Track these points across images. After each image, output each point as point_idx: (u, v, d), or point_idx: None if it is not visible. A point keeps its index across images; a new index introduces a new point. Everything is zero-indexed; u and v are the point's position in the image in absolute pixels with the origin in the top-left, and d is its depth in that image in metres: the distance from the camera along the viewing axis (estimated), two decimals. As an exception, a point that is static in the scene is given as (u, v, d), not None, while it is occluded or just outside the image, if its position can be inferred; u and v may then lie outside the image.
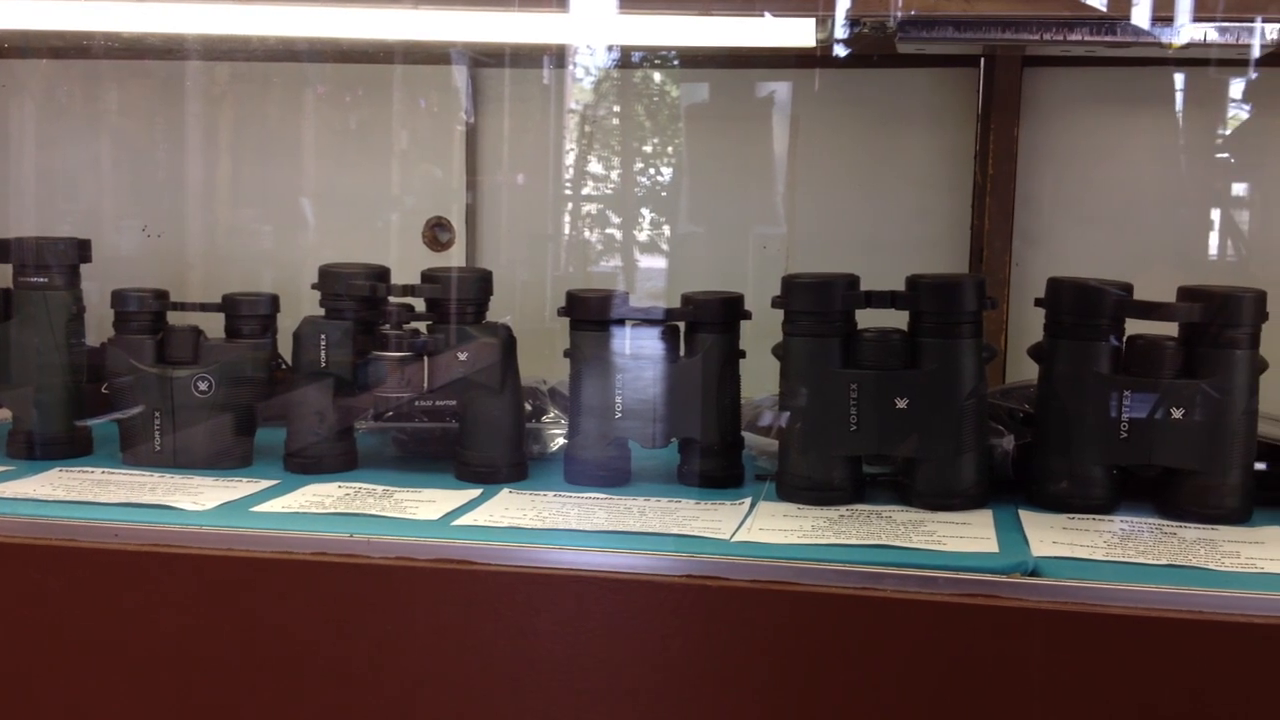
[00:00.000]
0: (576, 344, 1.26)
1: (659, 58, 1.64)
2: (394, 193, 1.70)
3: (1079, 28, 1.14)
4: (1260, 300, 1.14)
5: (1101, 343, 1.16)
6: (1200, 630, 0.95)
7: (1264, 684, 0.94)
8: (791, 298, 1.20)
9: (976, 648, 0.97)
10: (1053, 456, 1.18)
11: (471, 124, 1.67)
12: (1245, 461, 1.15)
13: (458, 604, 1.03)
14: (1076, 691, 0.96)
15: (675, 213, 1.68)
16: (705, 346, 1.24)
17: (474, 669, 1.03)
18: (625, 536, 1.09)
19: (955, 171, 1.57)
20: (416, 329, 1.27)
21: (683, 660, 1.01)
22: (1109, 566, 1.02)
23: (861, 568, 1.01)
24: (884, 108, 1.58)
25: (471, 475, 1.27)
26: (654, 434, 1.25)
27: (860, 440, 1.18)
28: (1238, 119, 1.54)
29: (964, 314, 1.17)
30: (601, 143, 1.68)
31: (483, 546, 1.05)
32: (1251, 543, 1.09)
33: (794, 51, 1.29)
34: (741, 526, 1.11)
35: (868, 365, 1.18)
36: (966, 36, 1.16)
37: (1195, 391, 1.13)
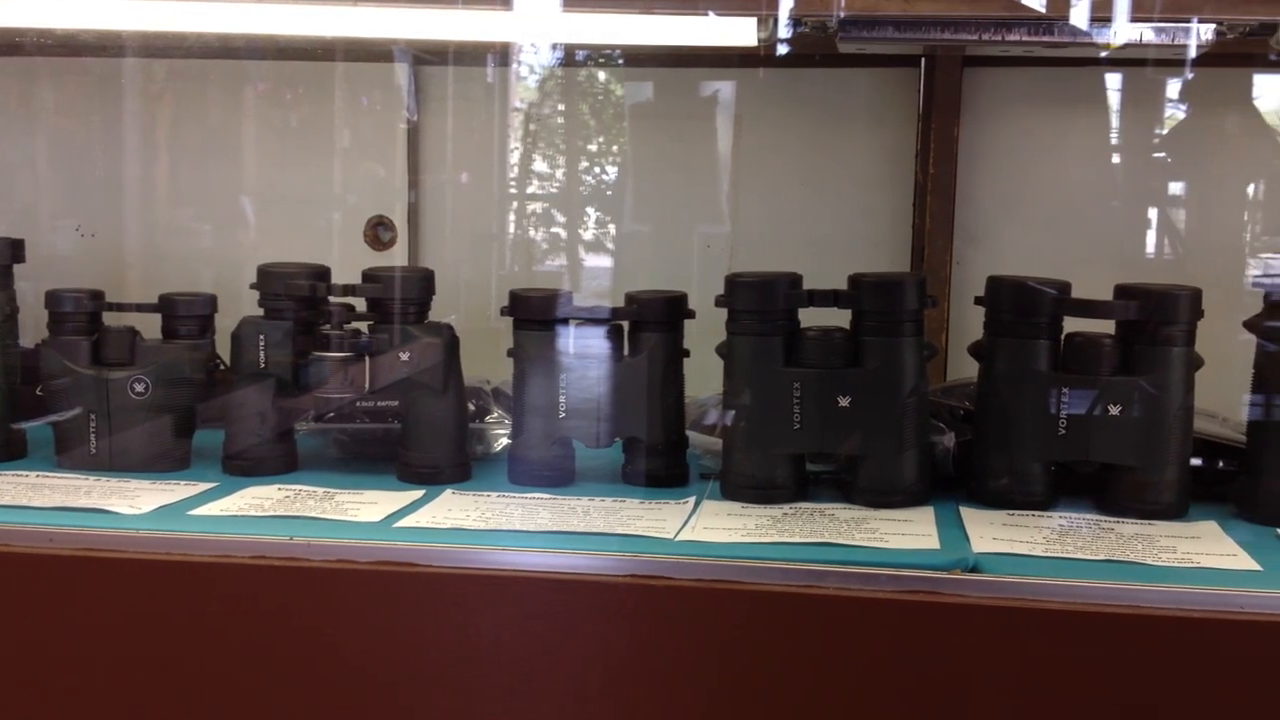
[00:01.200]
0: (520, 344, 1.25)
1: (603, 56, 1.64)
2: (335, 191, 1.68)
3: (1017, 28, 1.15)
4: (1195, 298, 1.15)
5: (1040, 340, 1.17)
6: (1138, 625, 0.96)
7: (1200, 677, 0.95)
8: (735, 297, 1.20)
9: (918, 644, 0.98)
10: (992, 453, 1.20)
11: (414, 122, 1.66)
12: (1181, 457, 1.17)
13: (400, 607, 1.02)
14: (1017, 686, 0.97)
15: (620, 212, 1.67)
16: (649, 346, 1.24)
17: (417, 672, 1.02)
18: (569, 537, 1.09)
19: (897, 171, 1.58)
20: (357, 329, 1.26)
21: (627, 660, 1.01)
22: (1048, 562, 1.03)
23: (805, 566, 1.01)
24: (826, 107, 1.59)
25: (414, 476, 1.26)
26: (598, 433, 1.25)
27: (803, 438, 1.19)
28: (1174, 119, 1.56)
29: (905, 312, 1.18)
30: (546, 141, 1.67)
31: (425, 548, 1.04)
32: (1188, 538, 1.10)
33: (737, 51, 1.29)
34: (685, 526, 1.11)
35: (811, 364, 1.18)
36: (906, 36, 1.17)
37: (1132, 388, 1.15)
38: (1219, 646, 0.95)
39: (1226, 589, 0.97)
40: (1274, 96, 1.54)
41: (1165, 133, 1.56)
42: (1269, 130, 1.54)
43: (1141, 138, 1.57)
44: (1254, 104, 1.54)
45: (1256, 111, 1.54)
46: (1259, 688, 0.94)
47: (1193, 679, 0.95)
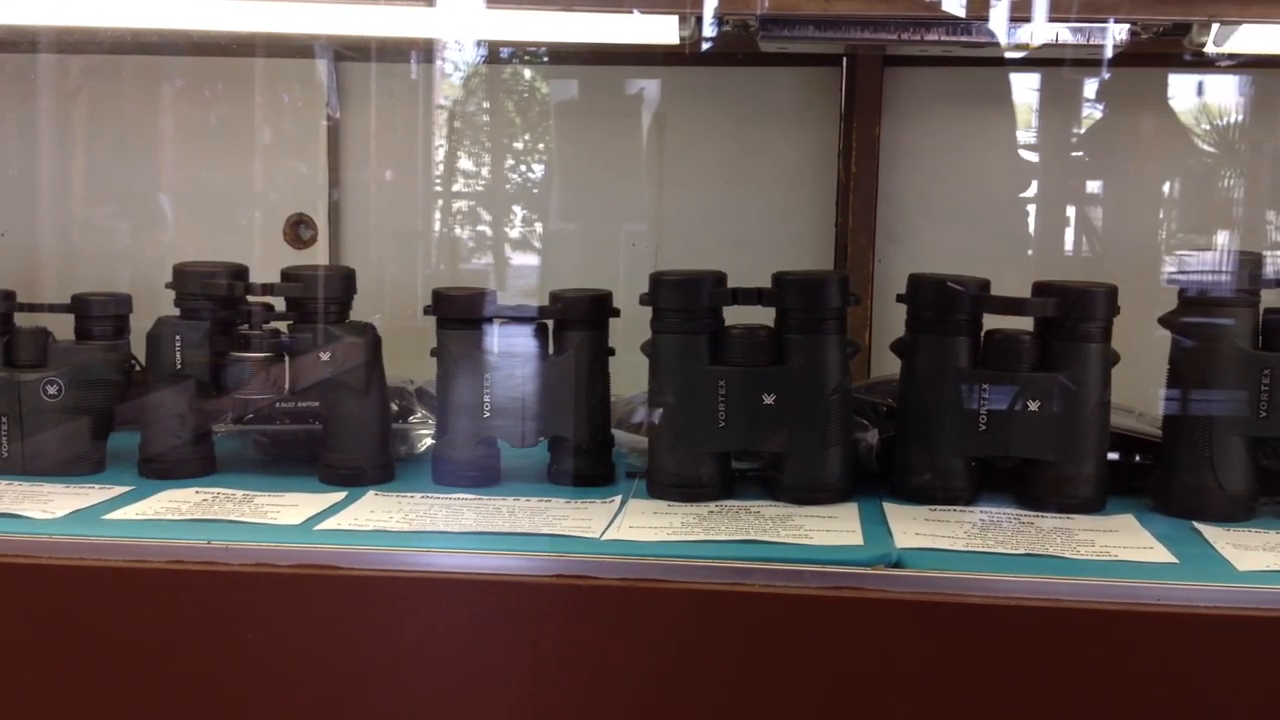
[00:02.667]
0: (444, 343, 1.24)
1: (528, 54, 1.63)
2: (255, 189, 1.66)
3: (936, 28, 1.16)
4: (1112, 295, 1.17)
5: (960, 337, 1.18)
6: (1057, 618, 0.97)
7: (1118, 670, 0.96)
8: (659, 295, 1.20)
9: (842, 639, 0.99)
10: (914, 449, 1.21)
11: (336, 119, 1.64)
12: (1099, 452, 1.18)
13: (321, 610, 1.01)
14: (939, 680, 0.97)
15: (546, 210, 1.67)
16: (574, 344, 1.24)
17: (340, 677, 1.01)
18: (494, 537, 1.08)
19: (820, 169, 1.58)
20: (277, 329, 1.24)
21: (553, 661, 1.00)
22: (969, 557, 1.04)
23: (730, 563, 1.02)
24: (750, 106, 1.60)
25: (336, 478, 1.24)
26: (523, 433, 1.24)
27: (729, 436, 1.19)
28: (1092, 118, 1.59)
29: (828, 310, 1.19)
30: (471, 139, 1.66)
31: (347, 551, 1.03)
32: (1106, 531, 1.12)
33: (661, 49, 1.29)
34: (611, 525, 1.11)
35: (735, 362, 1.19)
36: (827, 35, 1.18)
37: (1051, 384, 1.16)
38: (1136, 639, 0.97)
39: (1143, 582, 0.99)
40: (1188, 96, 1.57)
41: (1083, 132, 1.59)
42: (1184, 129, 1.57)
43: (1059, 137, 1.59)
44: (1169, 103, 1.56)
45: (1171, 111, 1.57)
46: (1174, 679, 0.96)
47: (1111, 671, 0.96)
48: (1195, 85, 1.56)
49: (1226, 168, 1.58)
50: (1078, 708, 0.97)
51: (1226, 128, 1.57)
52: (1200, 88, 1.56)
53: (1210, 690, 0.96)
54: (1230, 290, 1.16)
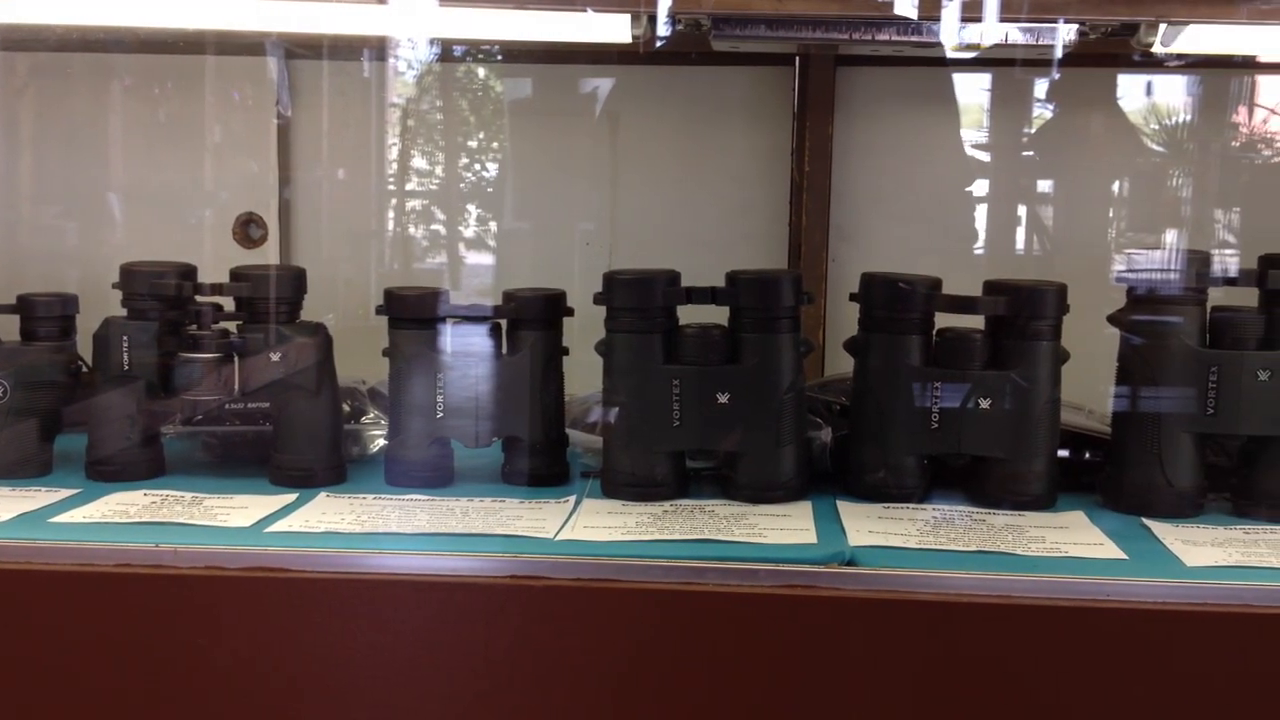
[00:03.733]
0: (396, 343, 1.23)
1: (481, 52, 1.62)
2: (205, 188, 1.64)
3: (886, 28, 1.17)
4: (1061, 293, 1.18)
5: (912, 336, 1.19)
6: (1008, 614, 0.98)
7: (1067, 664, 0.97)
8: (613, 294, 1.20)
9: (796, 637, 0.99)
10: (867, 447, 1.21)
11: (288, 117, 1.63)
12: (1049, 449, 1.19)
13: (272, 613, 1.00)
14: (892, 677, 0.98)
15: (500, 209, 1.66)
16: (528, 344, 1.23)
17: (291, 681, 1.00)
18: (447, 538, 1.07)
19: (773, 168, 1.59)
20: (226, 329, 1.23)
21: (506, 662, 1.00)
22: (922, 554, 1.05)
23: (684, 563, 1.02)
24: (703, 105, 1.60)
25: (286, 479, 1.23)
26: (477, 433, 1.24)
27: (683, 435, 1.19)
28: (1042, 117, 1.60)
29: (782, 309, 1.19)
30: (424, 138, 1.65)
31: (298, 553, 1.02)
32: (1056, 528, 1.13)
33: (615, 48, 1.29)
34: (565, 525, 1.11)
35: (689, 361, 1.19)
36: (779, 35, 1.18)
37: (1002, 382, 1.17)
38: (1086, 634, 0.97)
39: (1093, 578, 1.00)
40: (1137, 96, 1.58)
41: (1033, 131, 1.60)
42: (1133, 129, 1.58)
43: (1010, 136, 1.60)
44: (1118, 103, 1.58)
45: (1121, 110, 1.58)
46: (1124, 674, 0.97)
47: (1062, 667, 0.97)
48: (1144, 85, 1.58)
49: (1175, 167, 1.60)
50: (1029, 703, 0.98)
51: (1175, 127, 1.59)
52: (1149, 88, 1.58)
53: (1159, 685, 0.97)
54: (1178, 288, 1.17)
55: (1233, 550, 1.06)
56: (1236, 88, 1.57)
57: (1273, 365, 1.15)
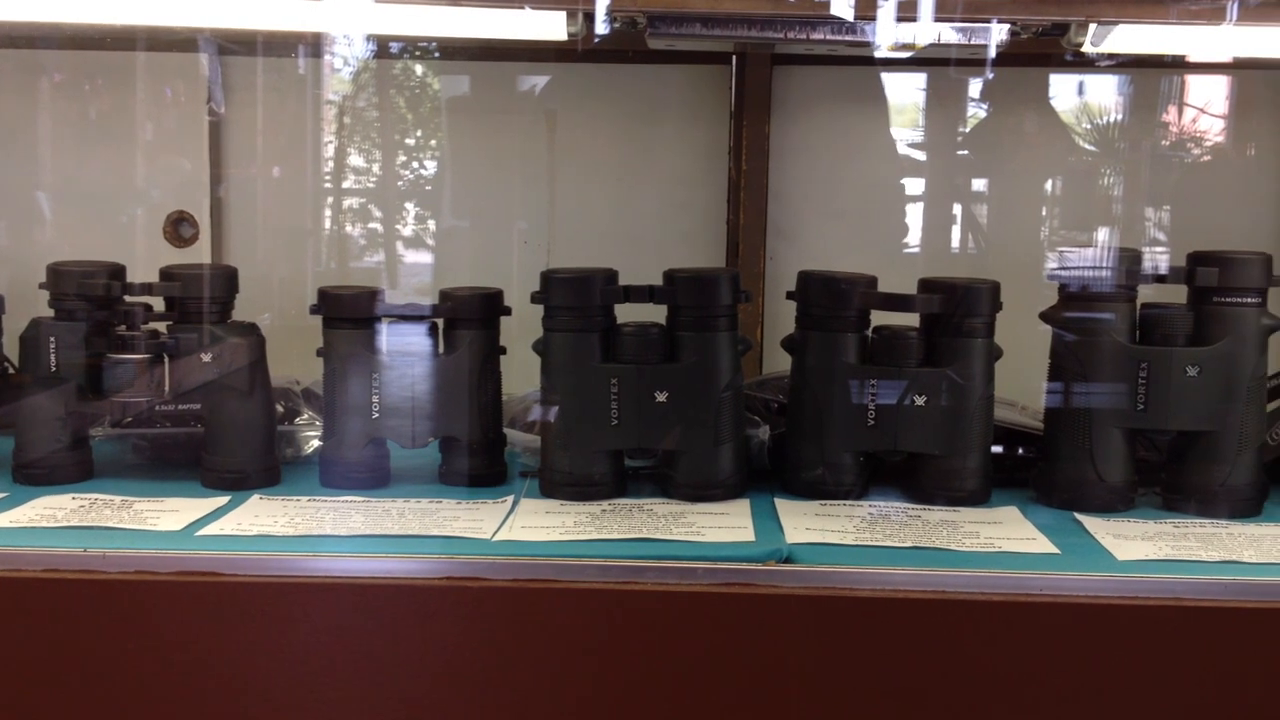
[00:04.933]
0: (330, 343, 1.22)
1: (419, 49, 1.61)
2: (137, 186, 1.62)
3: (821, 27, 1.17)
4: (994, 291, 1.19)
5: (849, 334, 1.20)
6: (943, 609, 0.99)
7: (1002, 658, 0.98)
8: (550, 293, 1.20)
9: (734, 635, 0.99)
10: (805, 445, 1.22)
11: (221, 114, 1.60)
12: (984, 445, 1.20)
13: (203, 618, 0.99)
14: (830, 673, 0.98)
15: (438, 207, 1.65)
16: (465, 343, 1.23)
17: (223, 686, 0.99)
18: (383, 540, 1.07)
19: (711, 167, 1.59)
20: (156, 330, 1.21)
21: (443, 665, 0.99)
22: (858, 551, 1.06)
23: (623, 562, 1.01)
24: (641, 103, 1.60)
25: (219, 482, 1.22)
26: (414, 433, 1.23)
27: (621, 434, 1.19)
28: (976, 117, 1.61)
29: (720, 308, 1.19)
30: (361, 135, 1.64)
31: (229, 557, 1.01)
32: (990, 523, 1.14)
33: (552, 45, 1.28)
34: (503, 525, 1.10)
35: (627, 359, 1.19)
36: (714, 34, 1.18)
37: (936, 379, 1.18)
38: (1020, 628, 0.98)
39: (1026, 573, 1.01)
40: (1069, 95, 1.60)
41: (967, 130, 1.61)
42: (1065, 128, 1.60)
43: (945, 135, 1.62)
44: (1050, 103, 1.60)
45: (1053, 110, 1.60)
46: (1057, 667, 0.98)
47: (996, 660, 0.98)
48: (1076, 85, 1.60)
49: (1106, 166, 1.62)
50: (965, 696, 0.98)
51: (1106, 126, 1.61)
52: (1080, 87, 1.60)
53: (1091, 677, 0.98)
54: (1109, 286, 1.19)
55: (1163, 544, 1.08)
56: (1166, 87, 1.60)
57: (1201, 361, 1.17)
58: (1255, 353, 1.17)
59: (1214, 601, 0.98)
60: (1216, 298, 1.17)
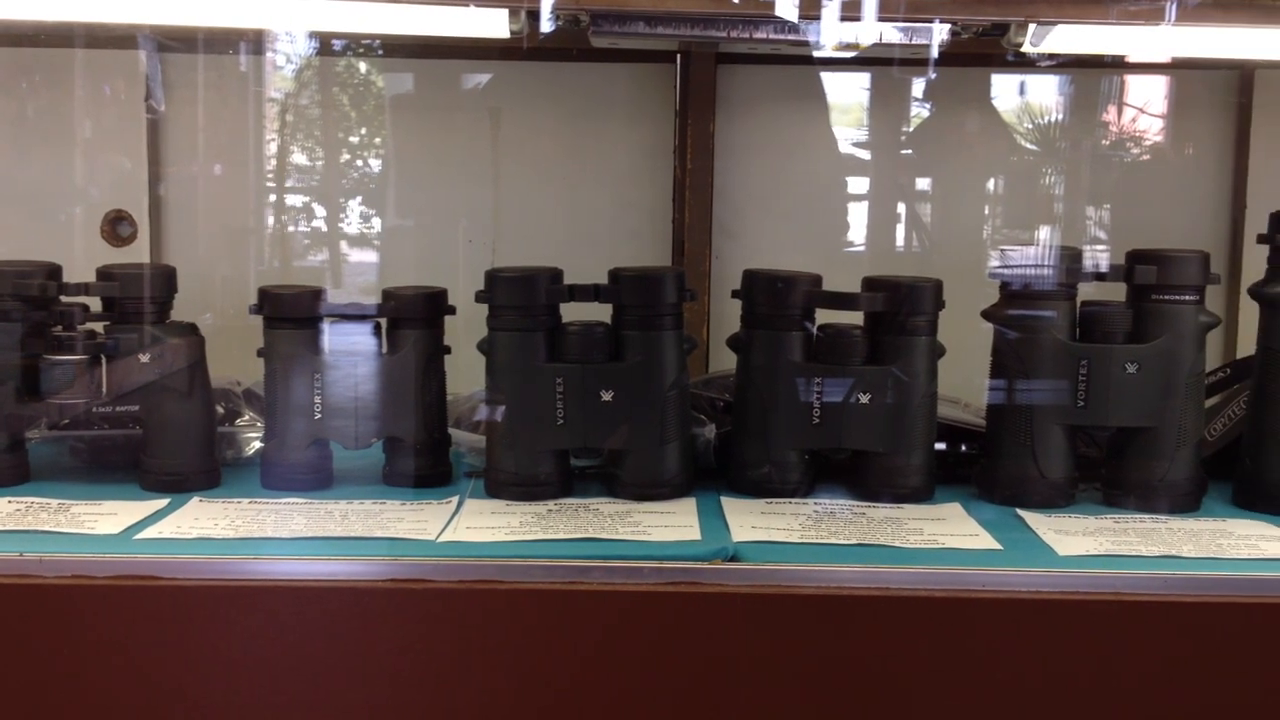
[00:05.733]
0: (271, 343, 1.21)
1: (362, 46, 1.60)
2: (74, 185, 1.59)
3: (764, 26, 1.18)
4: (937, 290, 1.20)
5: (793, 332, 1.20)
6: (887, 606, 0.99)
7: (945, 653, 0.99)
8: (495, 292, 1.19)
9: (680, 634, 0.99)
10: (750, 443, 1.22)
11: (161, 112, 1.58)
12: (927, 442, 1.21)
13: (142, 623, 0.97)
14: (775, 670, 0.99)
15: (382, 205, 1.64)
16: (408, 343, 1.22)
17: (163, 692, 0.98)
18: (325, 542, 1.06)
19: (656, 166, 1.59)
20: (93, 330, 1.19)
21: (387, 668, 0.98)
22: (804, 548, 1.06)
23: (569, 562, 1.01)
24: (586, 101, 1.59)
25: (158, 484, 1.20)
26: (357, 434, 1.22)
27: (567, 434, 1.19)
28: (919, 116, 1.62)
29: (665, 306, 1.19)
30: (304, 133, 1.62)
31: (169, 560, 1.00)
32: (934, 519, 1.15)
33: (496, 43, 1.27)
34: (448, 526, 1.10)
35: (573, 359, 1.18)
36: (658, 32, 1.18)
37: (881, 377, 1.19)
38: (964, 623, 0.99)
39: (969, 569, 1.02)
40: (1011, 95, 1.62)
41: (911, 130, 1.62)
42: (1006, 128, 1.61)
43: (888, 134, 1.62)
44: (992, 102, 1.61)
45: (995, 109, 1.61)
46: (1000, 662, 0.99)
47: (939, 656, 0.99)
48: (1017, 85, 1.61)
49: (1047, 165, 1.64)
50: (908, 692, 0.99)
51: (1047, 126, 1.63)
52: (1022, 87, 1.62)
53: (1033, 671, 0.99)
54: (1050, 284, 1.20)
55: (1103, 539, 1.09)
56: (1106, 87, 1.62)
57: (1140, 358, 1.18)
58: (1193, 349, 1.19)
59: (1153, 596, 0.99)
60: (1155, 295, 1.19)
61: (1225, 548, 1.07)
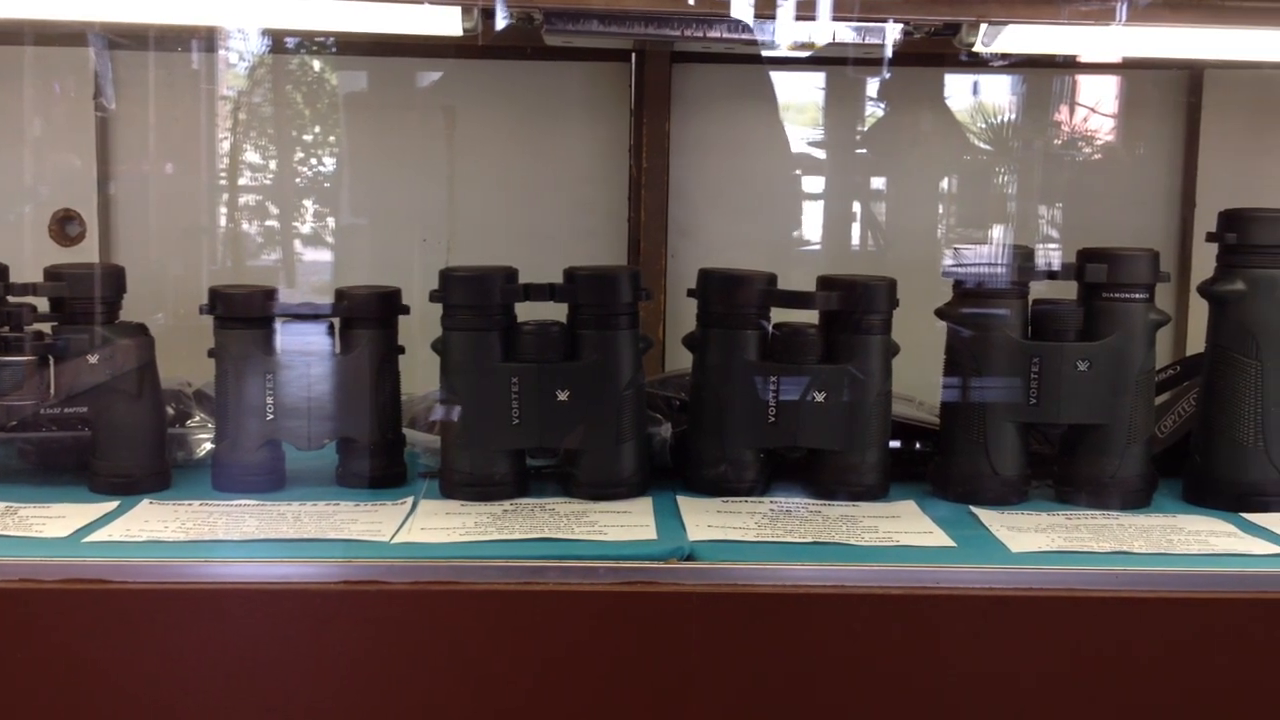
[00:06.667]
0: (222, 343, 1.20)
1: (315, 44, 1.59)
2: (23, 184, 1.57)
3: (718, 25, 1.18)
4: (891, 288, 1.21)
5: (749, 331, 1.20)
6: (842, 603, 0.99)
7: (900, 650, 0.99)
8: (449, 291, 1.18)
9: (636, 634, 0.99)
10: (706, 442, 1.22)
11: (111, 110, 1.56)
12: (882, 440, 1.22)
13: (92, 628, 0.96)
14: (731, 669, 0.99)
15: (336, 204, 1.63)
16: (362, 343, 1.21)
17: (112, 697, 0.96)
18: (278, 544, 1.05)
19: (611, 164, 1.58)
20: (40, 331, 1.18)
21: (341, 671, 0.98)
22: (760, 547, 1.06)
23: (524, 562, 1.01)
24: (541, 100, 1.59)
25: (107, 487, 1.19)
26: (309, 434, 1.21)
27: (523, 434, 1.18)
28: (874, 116, 1.63)
29: (621, 306, 1.19)
30: (258, 131, 1.61)
31: (118, 564, 0.99)
32: (889, 517, 1.15)
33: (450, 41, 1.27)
34: (402, 527, 1.09)
35: (528, 358, 1.18)
36: (612, 30, 1.18)
37: (836, 376, 1.19)
38: (918, 620, 0.99)
39: (923, 566, 1.02)
40: (964, 95, 1.63)
41: (865, 129, 1.63)
42: (960, 127, 1.62)
43: (843, 133, 1.63)
44: (946, 102, 1.62)
45: (948, 109, 1.62)
46: (954, 659, 0.99)
47: (895, 653, 0.99)
48: (970, 84, 1.62)
49: (1000, 164, 1.65)
50: (864, 689, 0.99)
51: (1000, 125, 1.64)
52: (975, 87, 1.63)
53: (987, 667, 0.99)
54: (1002, 282, 1.21)
55: (1055, 535, 1.10)
56: (1058, 87, 1.63)
57: (1091, 356, 1.19)
58: (1143, 347, 1.20)
59: (1105, 591, 1.00)
60: (1105, 294, 1.20)
61: (1175, 543, 1.08)
